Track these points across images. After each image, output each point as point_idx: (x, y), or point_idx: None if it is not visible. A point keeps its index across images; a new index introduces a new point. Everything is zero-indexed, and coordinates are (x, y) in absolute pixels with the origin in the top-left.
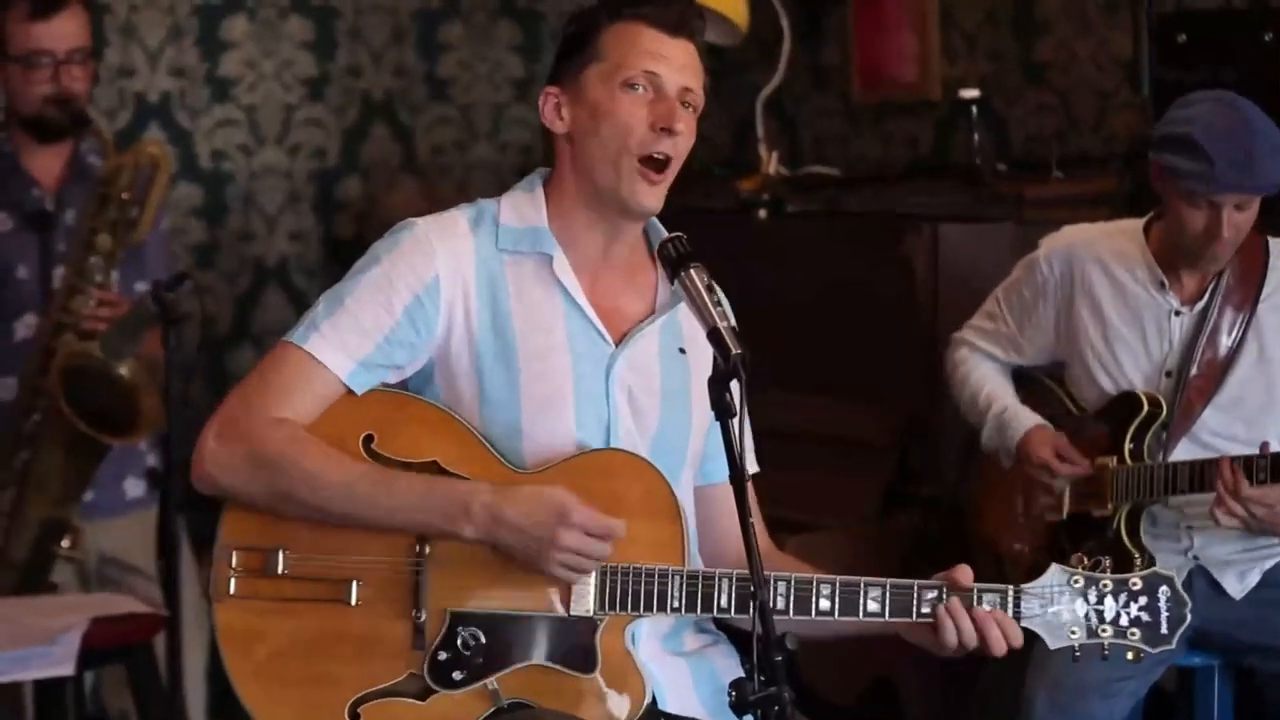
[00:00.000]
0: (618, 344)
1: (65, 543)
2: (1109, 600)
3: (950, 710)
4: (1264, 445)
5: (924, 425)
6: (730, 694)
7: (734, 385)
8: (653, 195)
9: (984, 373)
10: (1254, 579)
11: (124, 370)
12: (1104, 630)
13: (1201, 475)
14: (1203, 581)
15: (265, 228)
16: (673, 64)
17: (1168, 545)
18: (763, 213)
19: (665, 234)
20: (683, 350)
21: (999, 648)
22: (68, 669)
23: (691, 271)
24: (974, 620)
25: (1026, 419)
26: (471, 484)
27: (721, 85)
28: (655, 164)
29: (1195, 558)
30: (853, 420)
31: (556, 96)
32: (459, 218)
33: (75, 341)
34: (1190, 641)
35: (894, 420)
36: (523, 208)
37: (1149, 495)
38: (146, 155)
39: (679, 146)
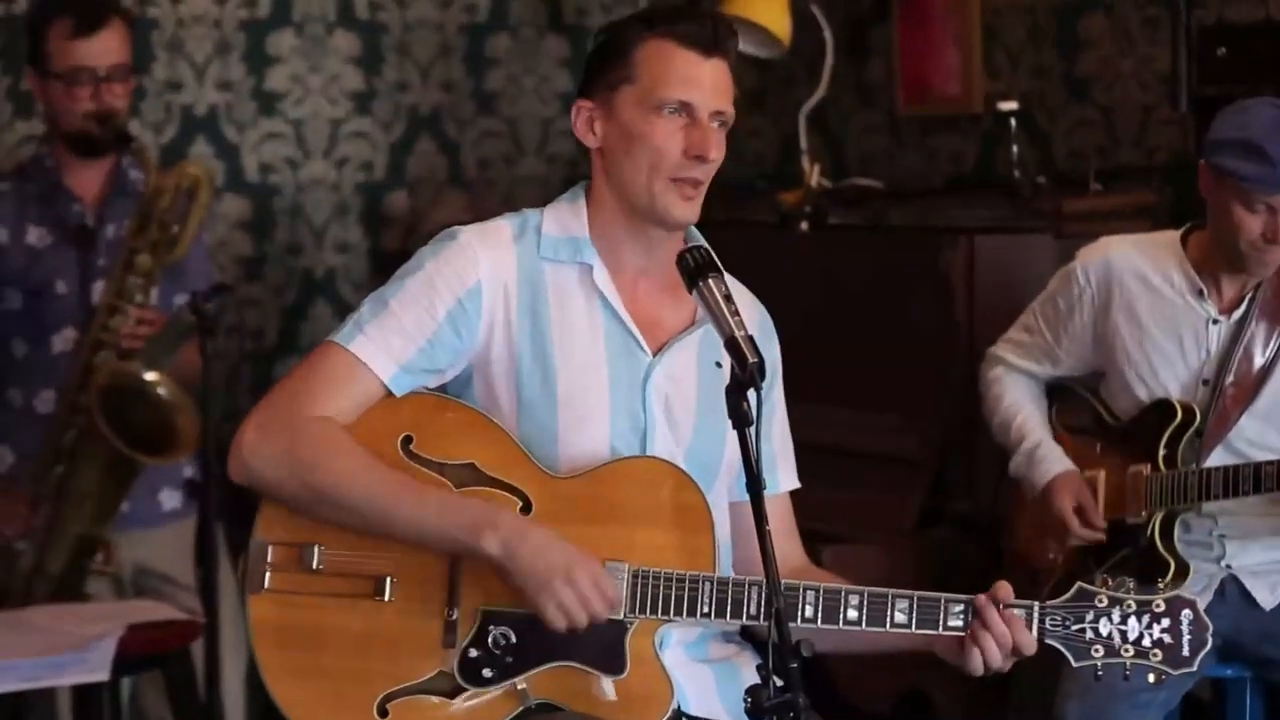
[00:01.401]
0: (655, 354)
1: (100, 557)
2: (1132, 621)
3: None
4: None
5: (961, 440)
6: (746, 700)
7: (750, 394)
8: (689, 208)
9: (1017, 398)
10: None
11: (163, 390)
12: (1126, 650)
13: (1237, 480)
14: (1235, 591)
15: (313, 240)
16: (705, 88)
17: (1200, 553)
18: (804, 225)
19: (702, 241)
20: (719, 364)
21: (1030, 648)
22: (103, 675)
23: (710, 281)
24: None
25: (1055, 462)
26: (495, 507)
27: (766, 99)
28: (689, 181)
29: (1228, 566)
30: (890, 434)
31: (590, 110)
32: (504, 226)
33: (114, 360)
34: (1220, 652)
35: (931, 434)
36: (565, 218)
37: (1183, 501)
38: (188, 176)
39: (709, 171)
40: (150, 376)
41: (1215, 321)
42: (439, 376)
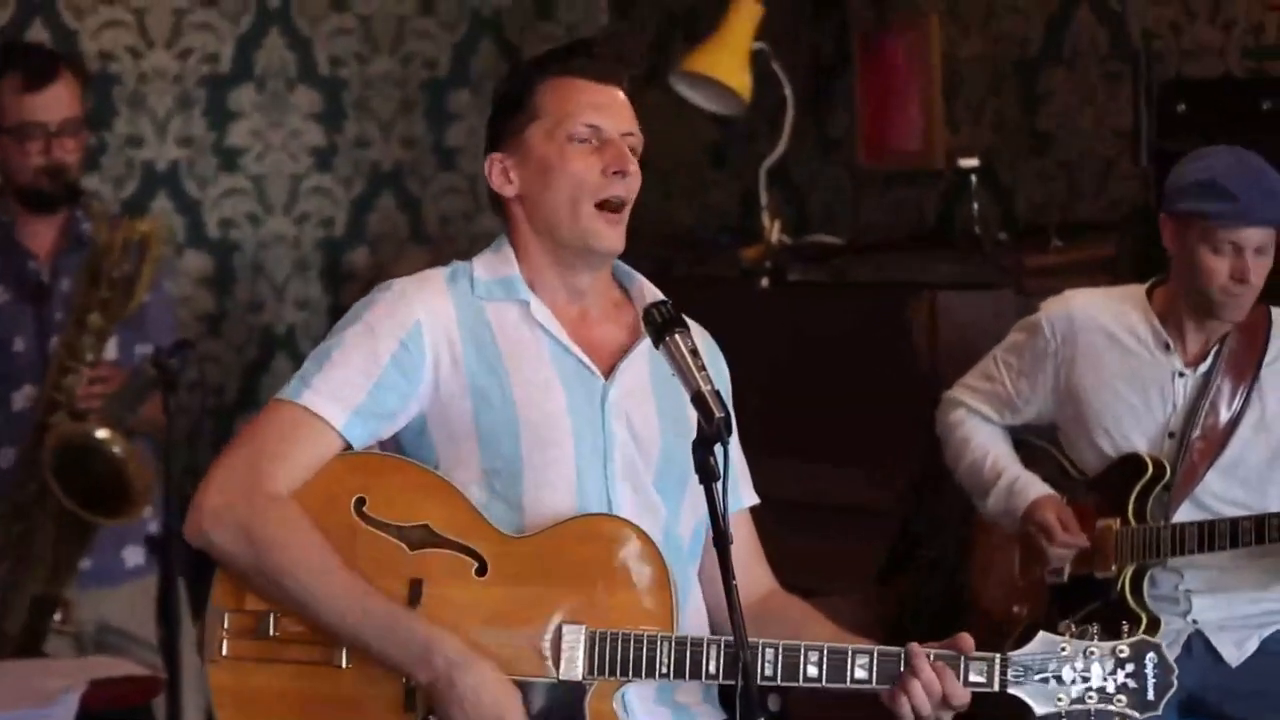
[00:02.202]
0: (607, 376)
1: (57, 616)
2: (1095, 667)
3: None
4: None
5: (926, 490)
6: None
7: (717, 449)
8: (614, 235)
9: (985, 438)
10: (1252, 646)
11: (116, 448)
12: (1090, 697)
13: (1212, 535)
14: (1200, 647)
15: (273, 297)
16: (611, 112)
17: (1167, 609)
18: (765, 281)
19: (634, 274)
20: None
21: (963, 701)
22: None
23: (676, 337)
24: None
25: (1037, 488)
26: (442, 634)
27: (727, 155)
28: (611, 205)
29: (1194, 621)
30: (854, 486)
31: (502, 161)
32: (435, 274)
33: (67, 421)
34: (1183, 706)
35: (896, 486)
36: (494, 263)
37: (1156, 556)
38: (137, 232)
39: (631, 187)
40: (102, 434)
41: (1181, 375)
42: (390, 423)
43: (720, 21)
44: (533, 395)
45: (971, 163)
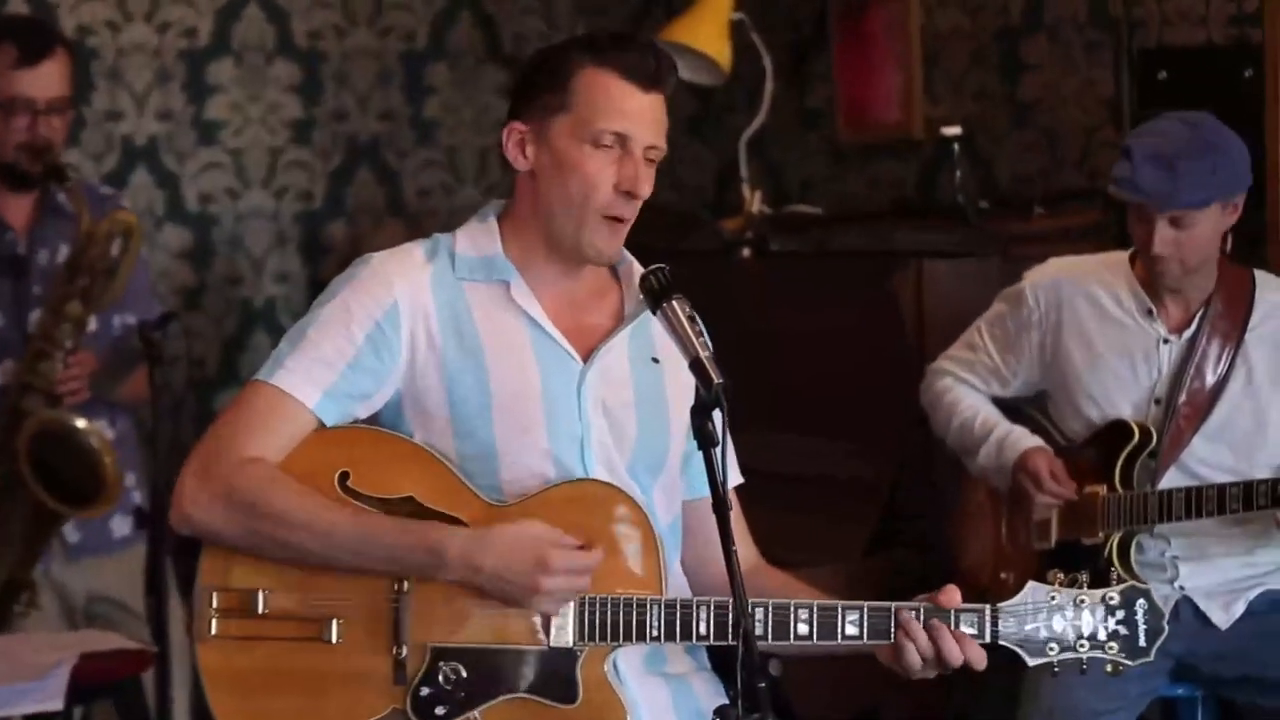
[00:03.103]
0: (586, 360)
1: (24, 597)
2: (1086, 615)
3: None
4: None
5: (912, 462)
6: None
7: (716, 414)
8: (612, 246)
9: (974, 400)
10: (1239, 609)
11: (92, 440)
12: (1081, 645)
13: (1200, 502)
14: (1189, 612)
15: (252, 270)
16: (642, 122)
17: (1154, 575)
18: (747, 252)
19: (629, 257)
20: (656, 360)
21: (956, 660)
22: (57, 704)
23: (674, 302)
24: (929, 633)
25: (1027, 439)
26: (447, 531)
27: (705, 126)
28: (616, 218)
29: (1181, 588)
30: (840, 459)
31: (522, 134)
32: (414, 249)
33: (43, 408)
34: (1173, 673)
35: (882, 458)
36: (477, 238)
37: (1143, 522)
38: (120, 224)
39: (637, 207)
40: (80, 424)
41: (1166, 341)
42: (366, 403)
43: None
44: (507, 380)
45: (954, 131)
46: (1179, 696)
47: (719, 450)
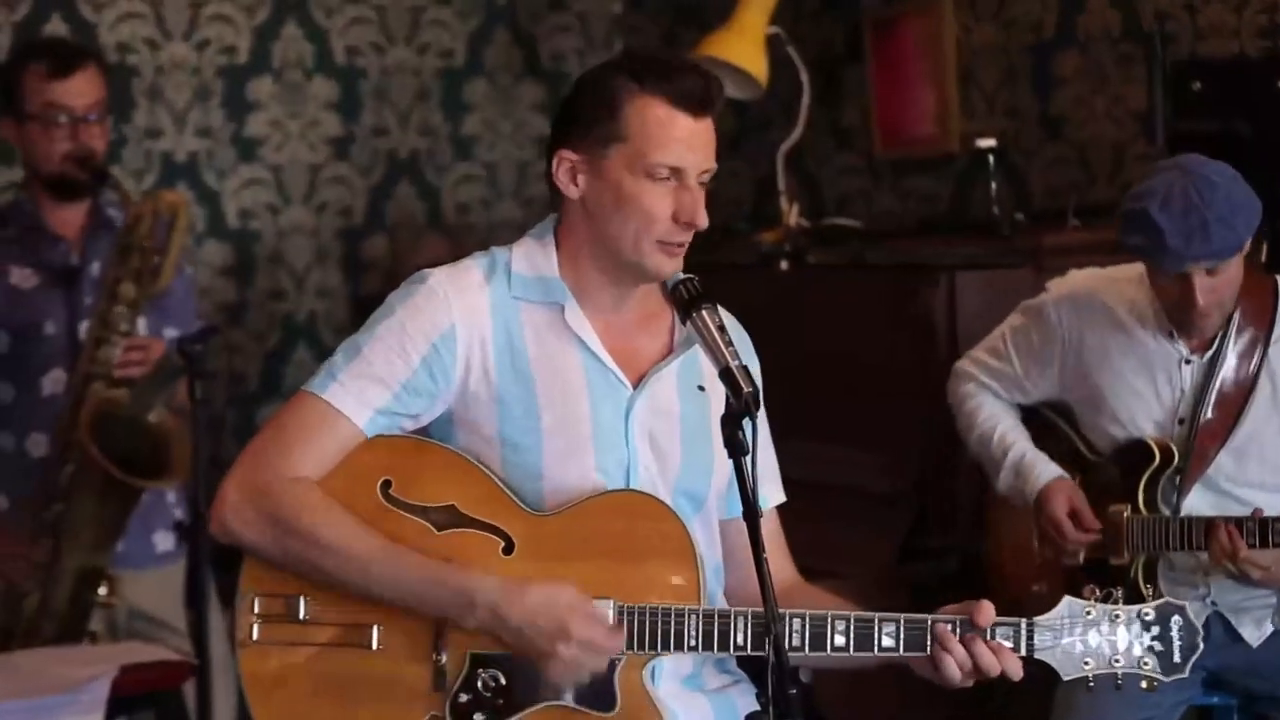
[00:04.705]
0: (635, 386)
1: (103, 590)
2: (1122, 631)
3: None
4: (1256, 511)
5: (943, 474)
6: None
7: (746, 423)
8: (674, 265)
9: (994, 411)
10: (1271, 626)
11: (152, 416)
12: (1117, 661)
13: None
14: (1219, 628)
15: (293, 286)
16: (696, 150)
17: (1185, 591)
18: (784, 264)
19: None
20: (702, 388)
21: (993, 670)
22: (97, 716)
23: (703, 312)
24: (966, 647)
25: (1045, 470)
26: (478, 579)
27: (743, 142)
28: (675, 244)
29: (1213, 603)
30: (872, 470)
31: (574, 163)
32: (473, 267)
33: (104, 389)
34: (1206, 682)
35: (914, 469)
36: (534, 256)
37: (1164, 547)
38: (166, 204)
39: (694, 233)
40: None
41: (1188, 361)
42: (414, 421)
43: (734, 7)
44: (557, 404)
45: (989, 143)
46: (1214, 705)
47: (748, 459)
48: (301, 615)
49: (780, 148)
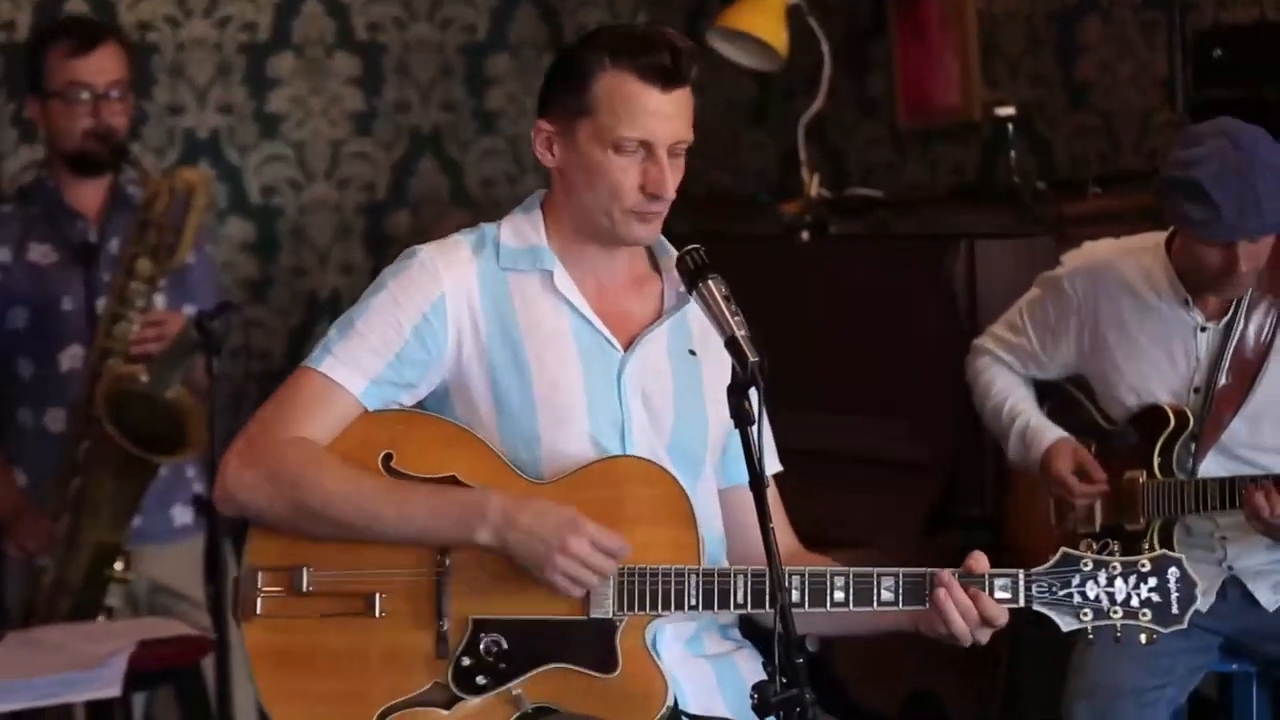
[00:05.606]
0: (626, 349)
1: (119, 565)
2: (1119, 582)
3: None
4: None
5: (967, 444)
6: (753, 696)
7: (752, 393)
8: (650, 230)
9: (1006, 383)
10: None
11: (168, 391)
12: (1115, 612)
13: (1232, 492)
14: (1236, 592)
15: (316, 262)
16: (664, 123)
17: (1202, 555)
18: (806, 235)
19: (669, 247)
20: (693, 352)
21: (999, 617)
22: (114, 691)
23: (710, 282)
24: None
25: (1049, 433)
26: (489, 490)
27: (765, 112)
28: (647, 212)
29: (1229, 568)
30: (897, 440)
31: (549, 133)
32: (462, 242)
33: (120, 364)
34: (1224, 649)
35: (939, 439)
36: (522, 228)
37: (1180, 510)
38: (183, 180)
39: (664, 204)
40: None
41: (1203, 329)
42: (411, 392)
43: None
44: (549, 370)
45: (1008, 111)
46: (1233, 672)
47: (755, 429)
48: (305, 587)
49: (802, 119)
